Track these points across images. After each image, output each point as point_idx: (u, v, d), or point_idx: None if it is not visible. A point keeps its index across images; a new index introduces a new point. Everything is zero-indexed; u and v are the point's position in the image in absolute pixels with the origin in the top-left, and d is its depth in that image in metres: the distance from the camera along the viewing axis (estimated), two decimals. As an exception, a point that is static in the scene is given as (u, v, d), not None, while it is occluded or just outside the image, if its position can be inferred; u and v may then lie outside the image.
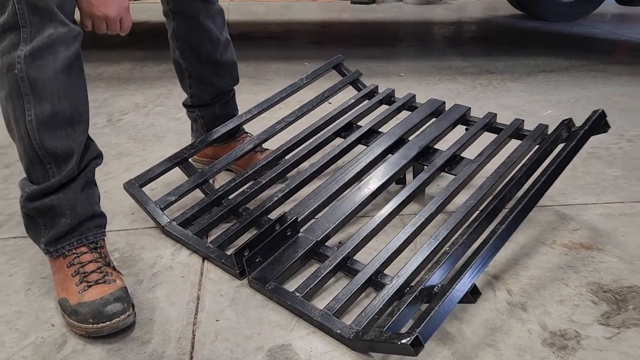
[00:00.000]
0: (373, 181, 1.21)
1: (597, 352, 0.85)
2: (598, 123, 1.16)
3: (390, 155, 1.30)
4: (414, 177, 1.27)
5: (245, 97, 2.09)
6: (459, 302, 0.83)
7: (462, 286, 0.83)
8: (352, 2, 4.69)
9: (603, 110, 1.18)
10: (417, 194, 1.19)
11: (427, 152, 1.29)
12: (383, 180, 1.20)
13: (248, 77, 2.40)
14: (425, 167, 1.24)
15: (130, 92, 2.19)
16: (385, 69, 2.59)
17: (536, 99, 2.16)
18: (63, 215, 0.90)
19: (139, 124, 1.85)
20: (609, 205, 1.33)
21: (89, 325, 0.86)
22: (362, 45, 3.19)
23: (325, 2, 4.78)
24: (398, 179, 1.32)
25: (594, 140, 1.70)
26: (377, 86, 1.57)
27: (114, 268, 0.95)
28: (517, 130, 1.30)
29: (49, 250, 0.92)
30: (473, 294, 0.84)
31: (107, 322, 0.85)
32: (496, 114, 1.37)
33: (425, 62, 2.71)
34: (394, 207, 1.12)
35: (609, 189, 1.41)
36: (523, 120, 1.32)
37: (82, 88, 0.91)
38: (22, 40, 0.82)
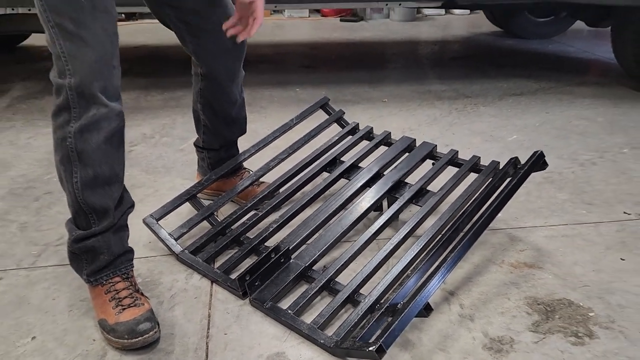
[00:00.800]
0: (354, 212, 1.44)
1: (525, 354, 1.09)
2: (537, 163, 1.40)
3: (368, 188, 1.54)
4: (388, 207, 1.51)
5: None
6: (416, 316, 1.07)
7: (418, 304, 1.07)
8: (341, 20, 4.94)
9: (542, 152, 1.42)
10: (390, 222, 1.43)
11: (399, 186, 1.53)
12: (362, 211, 1.44)
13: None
14: (397, 199, 1.49)
15: (138, 122, 2.42)
16: (371, 94, 2.83)
17: (504, 124, 2.40)
18: (102, 254, 1.14)
19: (148, 155, 2.08)
20: (553, 227, 1.57)
21: (125, 341, 1.09)
22: (350, 68, 3.44)
23: (316, 20, 5.02)
24: (376, 207, 1.56)
25: (549, 165, 1.95)
26: (358, 124, 1.81)
27: (141, 293, 1.19)
28: (474, 166, 1.54)
29: (90, 280, 1.16)
30: (426, 310, 1.08)
31: (140, 338, 1.09)
32: (457, 151, 1.61)
33: (407, 87, 2.96)
34: (371, 233, 1.36)
35: (556, 213, 1.65)
36: (479, 157, 1.56)
37: (120, 154, 1.15)
38: (72, 118, 1.06)
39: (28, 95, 2.81)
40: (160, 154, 2.10)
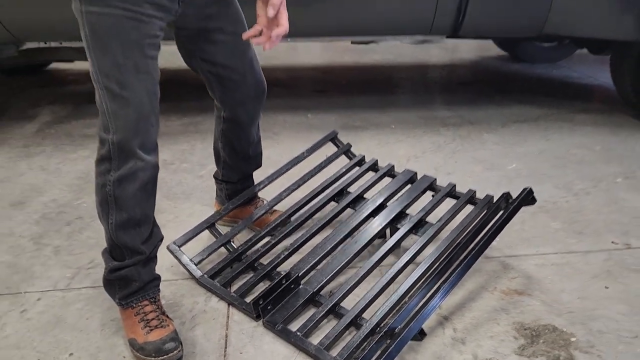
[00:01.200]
0: (359, 241, 1.59)
1: (510, 375, 1.23)
2: (526, 198, 1.53)
3: (372, 218, 1.69)
4: (391, 236, 1.65)
5: None
6: (411, 340, 1.21)
7: (413, 328, 1.21)
8: (352, 42, 5.11)
9: (530, 188, 1.55)
10: (392, 250, 1.58)
11: (400, 216, 1.68)
12: (366, 240, 1.59)
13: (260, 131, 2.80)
14: (399, 229, 1.63)
15: (159, 148, 2.59)
16: (380, 120, 2.99)
17: (506, 152, 2.54)
18: (133, 281, 1.30)
19: (168, 181, 2.25)
20: (544, 256, 1.70)
21: (152, 358, 1.24)
22: (360, 92, 3.60)
23: (327, 42, 5.20)
24: (379, 235, 1.70)
25: (545, 194, 2.09)
26: (364, 156, 1.96)
27: (166, 315, 1.34)
28: (470, 199, 1.68)
29: (122, 303, 1.32)
30: (420, 334, 1.22)
31: (165, 356, 1.24)
32: (455, 185, 1.75)
33: (414, 112, 3.11)
34: (374, 261, 1.50)
35: (548, 242, 1.78)
36: (475, 191, 1.70)
37: (152, 198, 1.32)
38: (112, 168, 1.22)
39: (56, 120, 3.01)
40: (180, 180, 2.26)
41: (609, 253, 1.73)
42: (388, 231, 1.69)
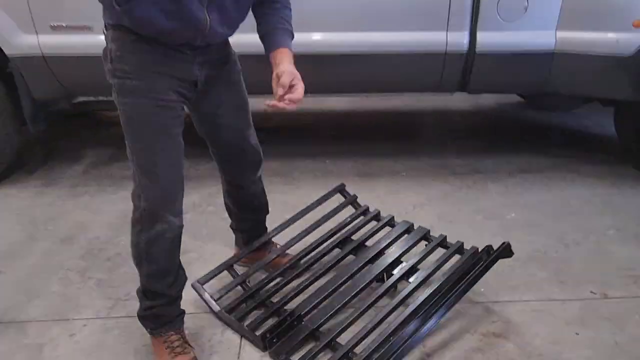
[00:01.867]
0: (357, 284, 1.85)
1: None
2: (503, 251, 1.77)
3: (370, 264, 1.94)
4: (386, 280, 1.90)
5: (276, 197, 2.65)
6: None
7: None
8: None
9: (508, 243, 1.78)
10: (386, 294, 1.82)
11: (395, 263, 1.93)
12: (364, 284, 1.84)
13: (278, 175, 3.06)
14: (393, 274, 1.88)
15: (189, 191, 2.84)
16: (392, 168, 3.23)
17: (507, 202, 2.75)
18: (162, 317, 1.60)
19: (196, 222, 2.54)
20: (526, 302, 1.92)
21: (176, 380, 1.52)
22: (375, 139, 3.85)
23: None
24: (378, 278, 1.95)
25: (537, 244, 2.31)
26: (368, 207, 2.23)
27: (188, 344, 1.62)
28: (458, 249, 1.93)
29: (152, 332, 1.61)
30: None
31: (187, 378, 1.52)
32: (446, 236, 2.00)
33: (425, 160, 3.34)
34: (369, 302, 1.75)
35: (532, 289, 2.00)
36: (462, 242, 1.95)
37: (177, 251, 1.61)
38: (143, 230, 1.52)
39: (99, 162, 3.37)
40: (206, 222, 2.56)
41: (586, 302, 1.93)
42: (385, 275, 1.95)
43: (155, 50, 1.46)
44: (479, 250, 1.88)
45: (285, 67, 1.53)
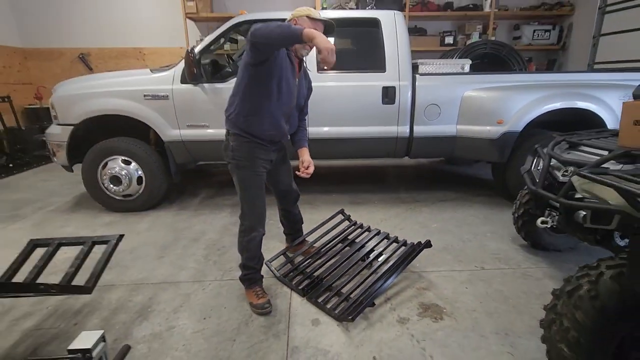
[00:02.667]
0: (351, 262, 2.11)
1: (408, 326, 1.72)
2: (426, 244, 2.06)
3: (358, 252, 2.20)
4: (367, 258, 2.18)
5: (306, 215, 2.82)
6: (369, 307, 1.74)
7: (368, 301, 1.74)
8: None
9: (429, 240, 2.07)
10: (367, 266, 2.10)
11: (371, 251, 2.20)
12: (355, 262, 2.11)
13: (308, 204, 3.23)
14: (370, 256, 2.16)
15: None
16: (370, 199, 3.39)
17: (433, 218, 2.95)
18: (252, 279, 1.87)
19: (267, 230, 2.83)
20: (440, 271, 2.15)
21: (260, 310, 1.80)
22: (364, 182, 3.93)
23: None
24: (363, 259, 2.23)
25: (447, 241, 2.54)
26: (356, 221, 2.51)
27: (265, 292, 1.89)
28: (404, 243, 2.21)
29: (248, 287, 1.89)
30: (372, 304, 1.74)
31: (264, 310, 1.79)
32: (397, 236, 2.27)
33: (390, 194, 3.50)
34: (358, 271, 2.02)
35: (443, 265, 2.24)
36: (406, 240, 2.22)
37: (260, 247, 1.84)
38: (245, 235, 1.78)
39: (209, 196, 3.56)
40: (270, 230, 2.75)
41: (472, 272, 2.18)
42: (366, 257, 2.23)
43: (257, 146, 1.75)
44: (415, 243, 2.16)
45: (305, 157, 1.87)
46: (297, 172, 1.88)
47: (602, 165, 1.43)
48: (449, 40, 5.37)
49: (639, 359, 1.14)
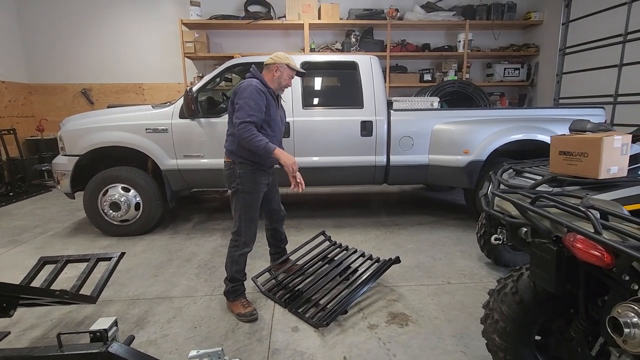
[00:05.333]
0: (329, 277, 2.36)
1: (378, 331, 1.96)
2: (396, 260, 2.32)
3: (336, 268, 2.47)
4: (344, 274, 2.43)
5: (291, 237, 3.14)
6: (341, 315, 1.98)
7: (341, 310, 1.98)
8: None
9: (398, 256, 2.34)
10: (343, 280, 2.35)
11: (348, 268, 2.46)
12: (333, 277, 2.36)
13: (293, 227, 3.48)
14: (347, 272, 2.41)
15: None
16: (352, 222, 3.65)
17: (410, 239, 3.21)
18: (238, 291, 2.10)
19: (255, 251, 3.06)
20: (410, 286, 2.40)
21: (246, 318, 2.02)
22: (347, 207, 4.19)
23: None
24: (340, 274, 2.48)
25: (420, 259, 2.81)
26: (336, 241, 2.78)
27: (250, 303, 2.13)
28: (377, 260, 2.47)
29: (234, 299, 2.11)
30: (344, 313, 1.99)
31: (251, 317, 2.01)
32: (372, 254, 2.54)
33: (371, 218, 3.77)
34: (334, 285, 2.28)
35: (413, 280, 2.50)
36: (379, 257, 2.49)
37: (246, 261, 2.15)
38: (238, 250, 2.02)
39: (201, 221, 3.80)
40: (258, 250, 3.04)
41: (439, 286, 2.42)
42: (343, 273, 2.47)
43: (260, 172, 2.02)
44: (386, 260, 2.42)
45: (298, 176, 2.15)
46: (290, 189, 2.16)
47: (537, 188, 1.74)
48: (427, 77, 5.89)
49: (556, 346, 1.40)
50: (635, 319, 0.85)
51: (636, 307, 0.85)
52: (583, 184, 1.61)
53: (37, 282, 1.99)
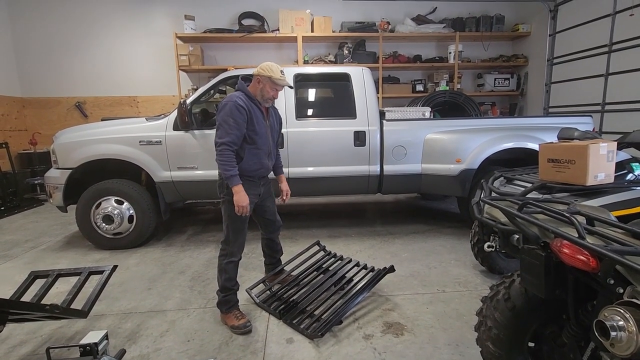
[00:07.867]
0: (324, 287, 2.36)
1: (372, 342, 1.95)
2: (390, 269, 2.33)
3: (331, 278, 2.47)
4: (339, 284, 2.43)
5: (286, 247, 3.17)
6: (336, 325, 1.97)
7: (336, 319, 1.98)
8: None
9: (393, 265, 2.35)
10: (338, 290, 2.35)
11: (343, 277, 2.46)
12: (328, 287, 2.36)
13: (289, 238, 3.49)
14: (342, 282, 2.41)
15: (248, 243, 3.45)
16: (347, 232, 3.69)
17: (404, 248, 3.23)
18: (230, 302, 2.09)
19: (246, 261, 3.06)
20: (405, 294, 2.41)
21: (240, 330, 2.01)
22: (342, 217, 4.23)
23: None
24: (335, 284, 2.47)
25: (415, 268, 2.81)
26: (331, 251, 2.79)
27: (244, 315, 2.12)
28: (372, 269, 2.48)
29: (227, 311, 2.10)
30: (339, 323, 1.98)
31: (246, 329, 2.00)
32: (367, 264, 2.55)
33: (366, 228, 3.80)
34: (329, 295, 2.28)
35: (409, 289, 2.50)
36: (374, 266, 2.50)
37: (237, 271, 2.15)
38: (226, 259, 2.03)
39: (195, 233, 3.80)
40: (252, 262, 3.05)
41: (434, 294, 2.43)
42: (338, 283, 2.47)
43: (249, 182, 2.04)
44: (380, 269, 2.43)
45: (283, 187, 2.19)
46: (280, 200, 2.20)
47: (527, 195, 1.77)
48: (419, 87, 5.99)
49: (549, 352, 1.41)
50: (621, 322, 0.86)
51: (622, 310, 0.87)
52: (571, 190, 1.64)
53: (27, 297, 1.96)
